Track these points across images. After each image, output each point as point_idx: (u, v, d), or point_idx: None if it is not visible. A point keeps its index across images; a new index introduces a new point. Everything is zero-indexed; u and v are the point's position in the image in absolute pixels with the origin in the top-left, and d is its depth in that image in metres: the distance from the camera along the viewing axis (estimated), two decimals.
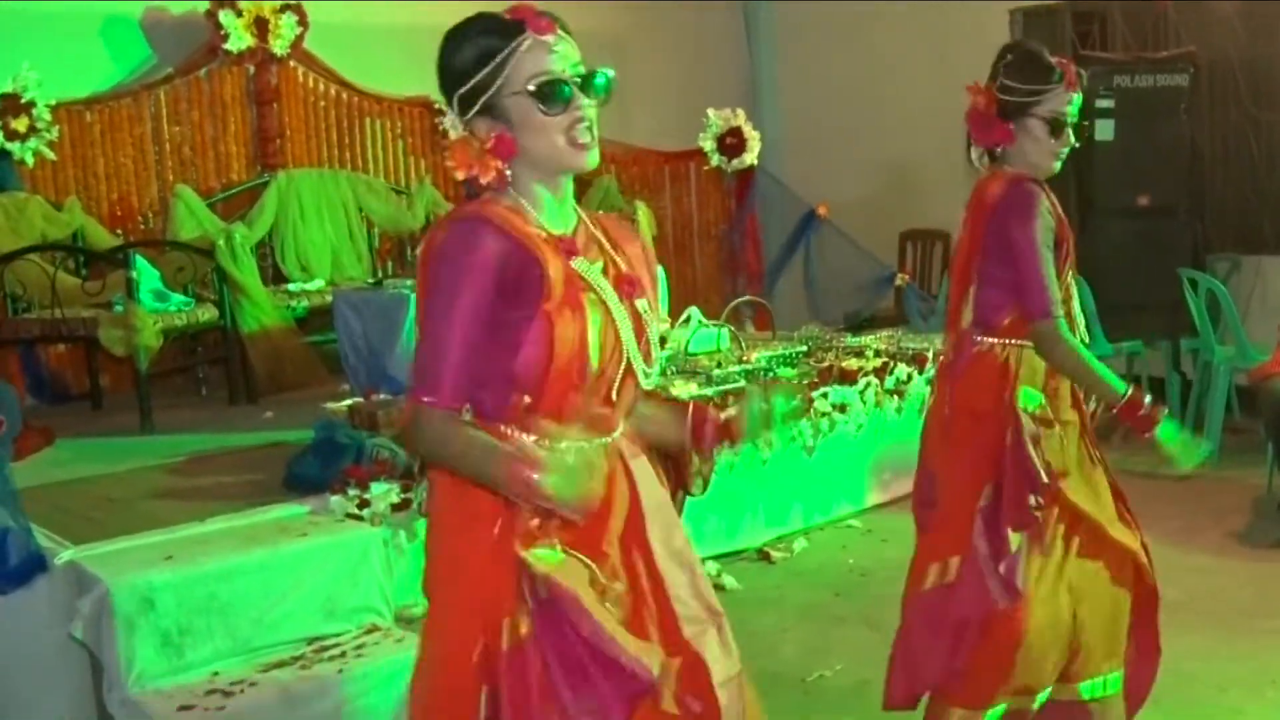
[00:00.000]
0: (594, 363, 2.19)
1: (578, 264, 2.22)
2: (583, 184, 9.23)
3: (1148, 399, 3.20)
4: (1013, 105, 3.20)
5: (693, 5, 10.15)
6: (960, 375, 3.28)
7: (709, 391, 5.68)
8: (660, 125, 9.71)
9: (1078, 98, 3.24)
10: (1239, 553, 5.40)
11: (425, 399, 2.14)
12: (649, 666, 2.16)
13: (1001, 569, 3.12)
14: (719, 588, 5.30)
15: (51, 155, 7.23)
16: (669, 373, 5.98)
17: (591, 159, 2.24)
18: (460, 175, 2.22)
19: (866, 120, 9.48)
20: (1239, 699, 3.98)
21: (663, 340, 6.02)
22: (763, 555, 5.66)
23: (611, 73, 2.28)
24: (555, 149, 2.20)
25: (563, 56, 2.22)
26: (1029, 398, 3.23)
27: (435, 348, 2.15)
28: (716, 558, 5.54)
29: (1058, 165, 3.27)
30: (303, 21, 8.03)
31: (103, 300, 6.58)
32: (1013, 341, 3.24)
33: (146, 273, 6.61)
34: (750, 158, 9.48)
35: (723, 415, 2.45)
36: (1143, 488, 6.40)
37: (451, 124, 2.23)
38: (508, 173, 2.21)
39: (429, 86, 8.09)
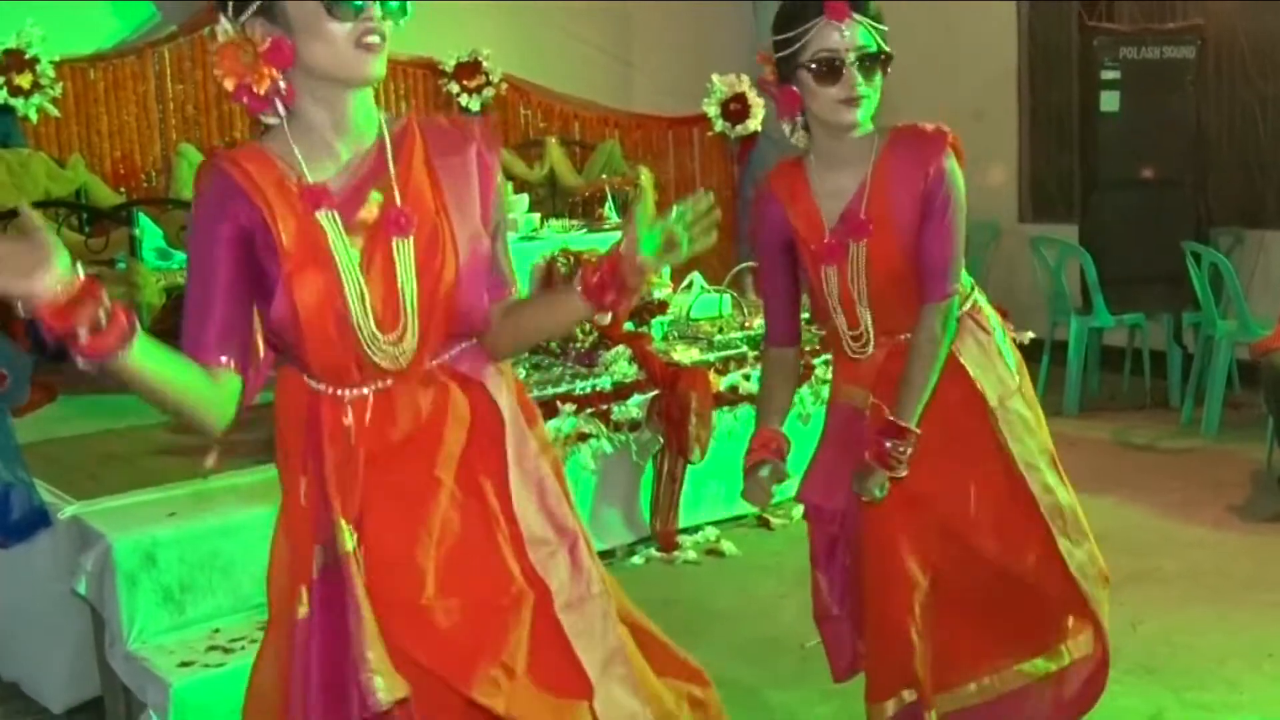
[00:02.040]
0: (356, 318, 2.06)
1: (321, 216, 2.07)
2: (586, 149, 9.23)
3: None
4: (783, 62, 2.71)
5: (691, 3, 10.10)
6: None
7: (710, 357, 5.69)
8: (664, 90, 9.68)
9: (858, 28, 2.63)
10: (1238, 526, 5.41)
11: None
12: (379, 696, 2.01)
13: None
14: (718, 553, 5.33)
15: (55, 112, 7.22)
16: (670, 337, 5.98)
17: (378, 67, 2.05)
18: (229, 84, 2.02)
19: None
20: (1236, 671, 4.00)
21: (663, 305, 5.98)
22: (762, 521, 5.68)
23: None
24: (339, 56, 2.02)
25: None
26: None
27: (188, 302, 2.15)
28: (716, 523, 5.56)
29: (858, 115, 2.69)
30: None
31: (105, 258, 6.58)
32: None
33: (149, 231, 6.60)
34: (754, 124, 9.46)
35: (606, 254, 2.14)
36: (1142, 460, 6.47)
37: (223, 30, 2.03)
38: (281, 85, 2.03)
39: (433, 47, 8.13)
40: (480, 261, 2.16)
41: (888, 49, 2.68)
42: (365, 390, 2.14)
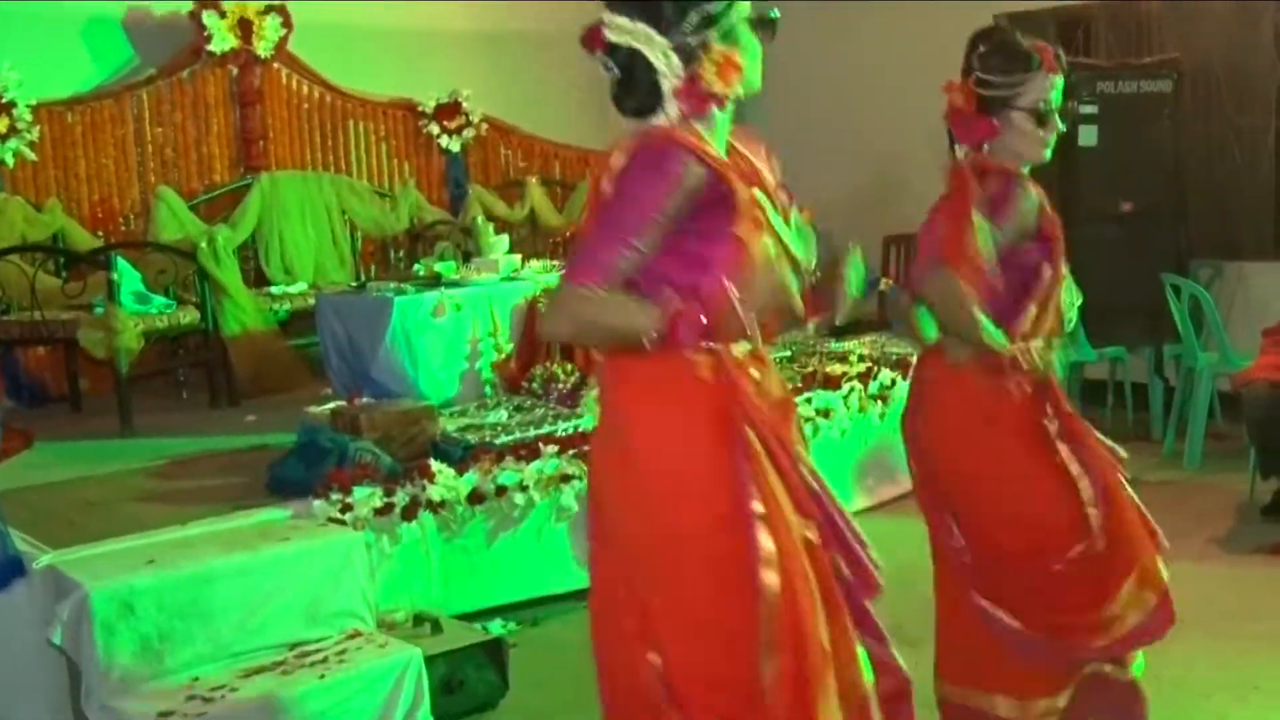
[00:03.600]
0: (783, 279, 2.44)
1: (756, 193, 2.41)
2: (566, 188, 9.25)
3: None
4: (993, 99, 3.12)
5: None
6: None
7: None
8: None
9: (1059, 81, 3.16)
10: (1222, 558, 5.40)
11: (573, 281, 2.30)
12: None
13: None
14: None
15: (32, 156, 7.20)
16: None
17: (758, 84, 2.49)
18: (718, 89, 2.37)
19: (850, 124, 9.47)
20: (1223, 704, 3.99)
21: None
22: None
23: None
24: (756, 76, 2.49)
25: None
26: None
27: (603, 243, 2.32)
28: None
29: (1048, 154, 3.19)
30: (287, 23, 8.01)
31: (83, 302, 6.54)
32: None
33: (128, 274, 6.57)
34: None
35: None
36: None
37: (661, 45, 2.36)
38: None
39: (412, 88, 8.13)
40: None
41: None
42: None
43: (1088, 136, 7.52)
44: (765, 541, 2.30)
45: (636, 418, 2.39)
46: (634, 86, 2.41)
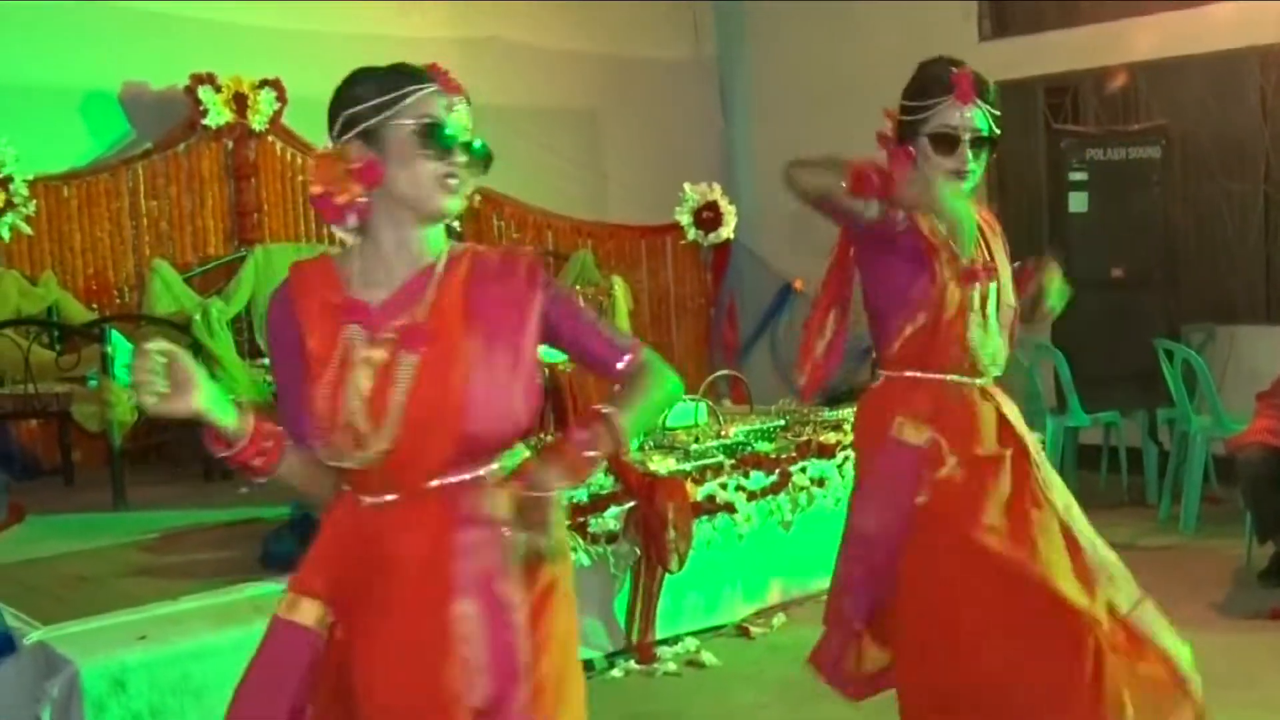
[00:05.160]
0: (346, 417, 2.20)
1: (350, 329, 2.24)
2: (559, 259, 9.27)
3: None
4: (907, 125, 3.09)
5: (667, 79, 10.23)
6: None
7: (687, 466, 5.66)
8: (636, 199, 9.76)
9: (976, 112, 3.07)
10: (1219, 624, 5.37)
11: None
12: None
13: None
14: (698, 664, 5.26)
15: (28, 229, 7.22)
16: (646, 447, 5.96)
17: (454, 204, 2.29)
18: (315, 190, 2.24)
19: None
20: None
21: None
22: (742, 631, 5.62)
23: (486, 145, 2.33)
24: (422, 189, 2.24)
25: (458, 118, 2.28)
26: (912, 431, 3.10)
27: (282, 395, 2.35)
28: (695, 633, 5.49)
29: (966, 185, 3.07)
30: (281, 97, 8.07)
31: (77, 375, 6.54)
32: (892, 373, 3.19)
33: (122, 347, 6.56)
34: (727, 232, 9.55)
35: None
36: (1121, 558, 6.41)
37: (325, 146, 2.29)
38: (361, 201, 2.24)
39: None
40: (517, 382, 2.25)
41: (998, 132, 3.09)
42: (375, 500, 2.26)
43: (1078, 203, 7.58)
44: None
45: None
46: None
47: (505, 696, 2.19)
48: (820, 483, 5.99)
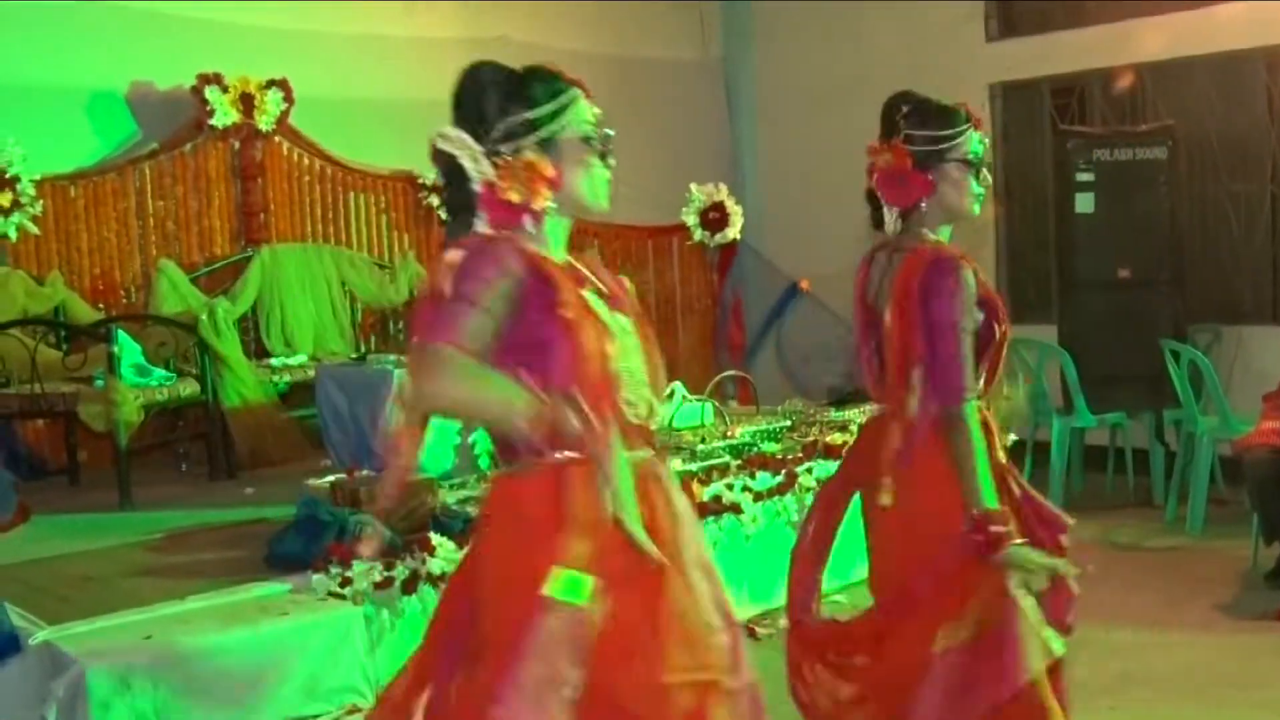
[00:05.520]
0: (617, 371, 2.33)
1: (586, 292, 2.38)
2: None
3: (1009, 527, 2.87)
4: (928, 154, 3.14)
5: (673, 79, 10.23)
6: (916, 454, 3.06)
7: (693, 467, 5.66)
8: (642, 200, 9.73)
9: (982, 138, 3.23)
10: (1226, 625, 5.37)
11: (434, 340, 2.21)
12: None
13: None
14: None
15: (35, 230, 7.22)
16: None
17: (605, 200, 2.49)
18: (515, 197, 2.32)
19: (849, 191, 9.47)
20: None
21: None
22: (748, 631, 5.61)
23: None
24: (597, 192, 2.45)
25: (598, 115, 2.48)
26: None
27: (450, 311, 2.23)
28: None
29: (977, 208, 3.20)
30: (288, 97, 8.08)
31: (83, 375, 6.55)
32: None
33: (128, 347, 6.58)
34: (733, 232, 9.54)
35: None
36: (1127, 560, 6.42)
37: (472, 151, 2.34)
38: (550, 205, 2.36)
39: (413, 160, 8.16)
40: None
41: None
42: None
43: (1084, 204, 7.57)
44: None
45: None
46: (451, 196, 2.40)
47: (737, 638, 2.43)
48: None
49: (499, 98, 2.36)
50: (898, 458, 3.07)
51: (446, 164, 2.38)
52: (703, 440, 6.07)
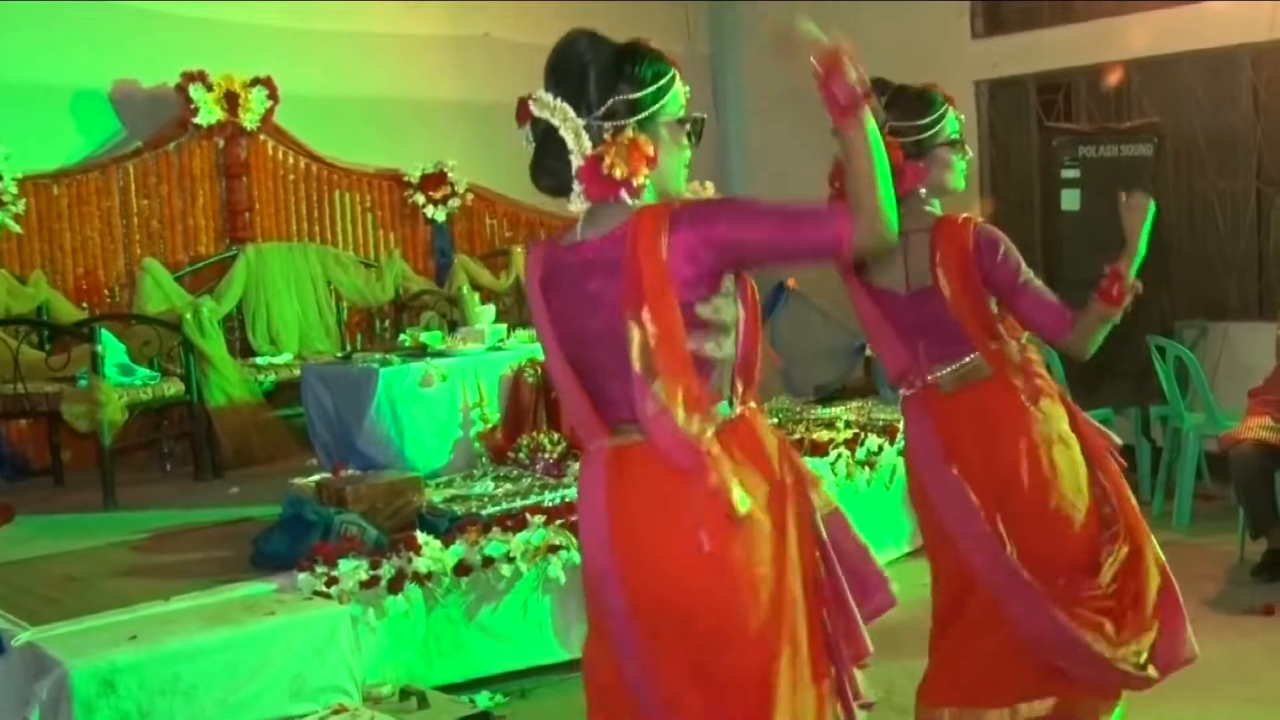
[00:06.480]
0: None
1: None
2: None
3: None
4: (918, 142, 3.35)
5: None
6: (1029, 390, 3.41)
7: None
8: None
9: (958, 114, 3.48)
10: (1213, 620, 5.36)
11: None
12: None
13: None
14: None
15: (17, 228, 7.19)
16: None
17: (685, 187, 2.52)
18: (620, 174, 2.33)
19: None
20: None
21: None
22: None
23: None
24: (679, 174, 2.48)
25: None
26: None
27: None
28: None
29: (963, 182, 3.50)
30: (273, 95, 8.05)
31: (67, 375, 6.52)
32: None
33: (112, 346, 6.55)
34: None
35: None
36: None
37: (575, 125, 2.36)
38: (645, 182, 2.38)
39: (398, 159, 8.12)
40: None
41: None
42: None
43: (1070, 201, 7.56)
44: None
45: (708, 510, 2.28)
46: (545, 162, 2.42)
47: None
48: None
49: (606, 74, 2.39)
50: (1031, 393, 3.41)
51: (541, 130, 2.41)
52: None
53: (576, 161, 2.37)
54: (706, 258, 2.28)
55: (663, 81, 2.42)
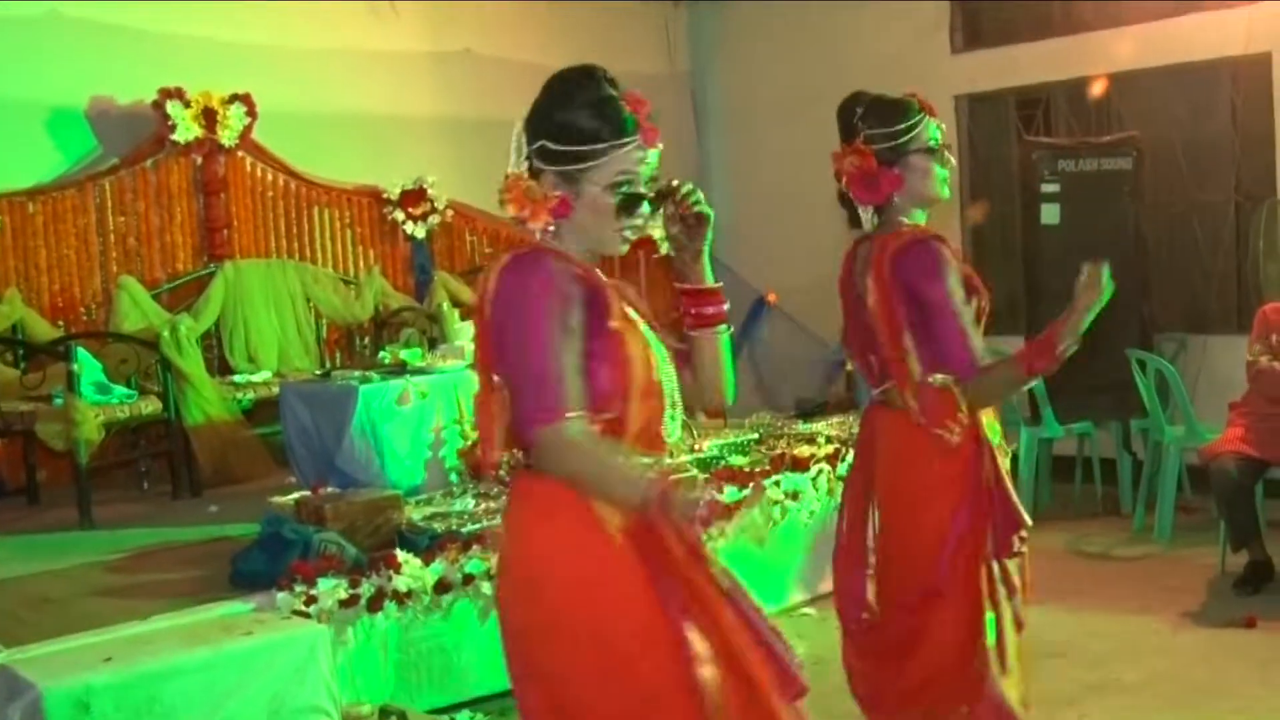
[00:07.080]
0: (659, 380, 2.46)
1: (628, 309, 2.45)
2: None
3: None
4: (892, 149, 3.25)
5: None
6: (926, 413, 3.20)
7: None
8: None
9: (937, 123, 3.34)
10: (1195, 632, 5.37)
11: (543, 423, 2.24)
12: None
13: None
14: None
15: None
16: None
17: (623, 250, 2.48)
18: (510, 213, 2.38)
19: (817, 204, 9.48)
20: None
21: None
22: None
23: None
24: (605, 238, 2.42)
25: (649, 169, 2.45)
26: (993, 430, 3.29)
27: (534, 373, 2.26)
28: None
29: (946, 191, 3.33)
30: (251, 112, 8.01)
31: (42, 393, 6.47)
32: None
33: (88, 365, 6.50)
34: None
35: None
36: (1097, 569, 6.43)
37: (517, 147, 2.39)
38: (550, 228, 2.38)
39: (377, 175, 8.12)
40: None
41: None
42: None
43: (1050, 215, 7.57)
44: (696, 641, 2.35)
45: (538, 540, 2.39)
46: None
47: None
48: (794, 496, 5.96)
49: (537, 117, 2.39)
50: (918, 414, 3.20)
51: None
52: (670, 454, 6.02)
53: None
54: None
55: (593, 144, 2.37)
